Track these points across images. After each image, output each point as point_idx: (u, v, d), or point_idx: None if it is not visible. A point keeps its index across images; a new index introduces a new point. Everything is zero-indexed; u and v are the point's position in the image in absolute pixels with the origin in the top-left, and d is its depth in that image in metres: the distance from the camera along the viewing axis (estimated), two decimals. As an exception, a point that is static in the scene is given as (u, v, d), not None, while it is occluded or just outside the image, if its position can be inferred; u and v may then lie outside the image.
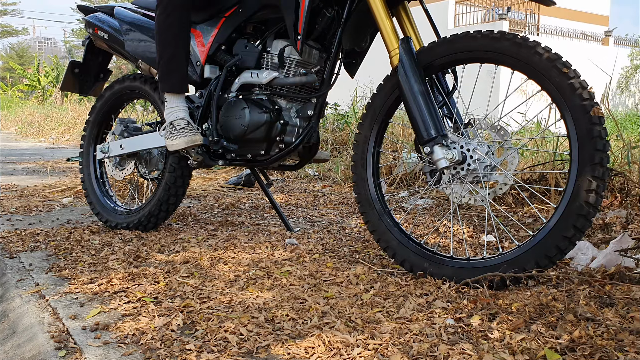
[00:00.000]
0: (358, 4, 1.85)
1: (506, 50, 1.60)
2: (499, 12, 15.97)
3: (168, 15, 1.99)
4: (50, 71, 33.20)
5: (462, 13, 16.66)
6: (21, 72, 33.62)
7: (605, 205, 2.43)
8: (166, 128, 2.05)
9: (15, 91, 35.32)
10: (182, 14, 2.00)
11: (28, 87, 34.25)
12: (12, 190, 3.69)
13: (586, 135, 1.47)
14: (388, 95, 1.79)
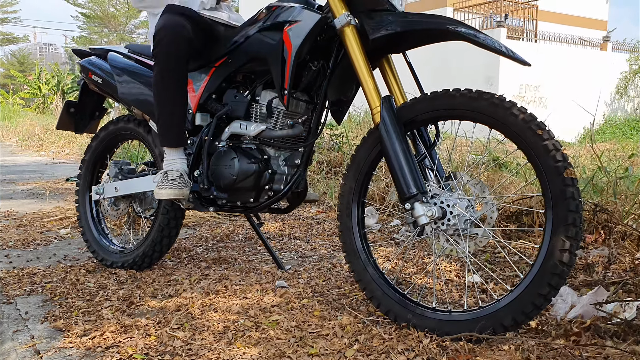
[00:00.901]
0: (342, 59, 1.90)
1: (483, 110, 1.65)
2: (497, 20, 16.04)
3: (165, 75, 2.04)
4: (51, 78, 33.34)
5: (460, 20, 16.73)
6: (22, 80, 33.76)
7: (590, 242, 2.48)
8: (160, 175, 2.11)
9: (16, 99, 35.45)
10: (179, 73, 2.06)
11: (29, 95, 34.38)
12: (11, 219, 3.75)
13: (559, 196, 1.52)
14: (371, 148, 1.85)
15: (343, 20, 1.82)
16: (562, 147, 1.56)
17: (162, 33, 2.02)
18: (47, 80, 33.54)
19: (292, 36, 1.89)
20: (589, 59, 16.84)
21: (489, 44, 1.65)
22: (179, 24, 2.02)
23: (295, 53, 1.89)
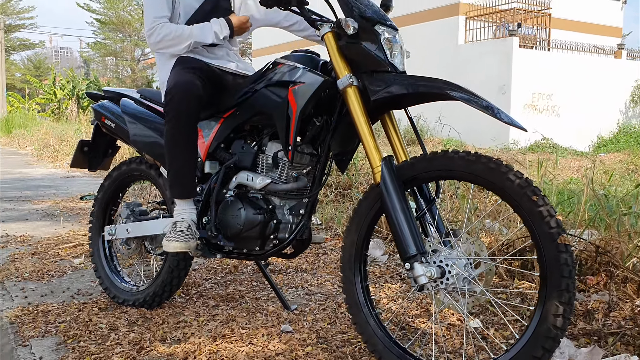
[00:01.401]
0: (345, 115, 1.96)
1: (480, 173, 1.69)
2: (509, 28, 16.01)
3: (176, 132, 2.12)
4: (66, 84, 33.77)
5: (472, 29, 16.72)
6: (38, 85, 34.22)
7: (591, 284, 2.51)
8: (169, 226, 2.18)
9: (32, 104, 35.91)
10: (189, 130, 2.14)
11: (45, 100, 34.82)
12: (26, 245, 3.85)
13: (553, 262, 1.57)
14: (372, 203, 1.90)
15: (345, 81, 1.88)
16: (556, 213, 1.61)
17: (174, 91, 2.09)
18: (63, 85, 33.96)
19: (296, 96, 1.96)
20: (603, 67, 16.74)
21: (484, 106, 1.69)
22: (190, 82, 2.09)
23: (299, 113, 1.95)
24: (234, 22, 2.26)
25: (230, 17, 2.27)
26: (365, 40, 1.88)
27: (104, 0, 33.71)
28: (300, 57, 2.10)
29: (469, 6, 16.44)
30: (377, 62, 1.87)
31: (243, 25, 2.31)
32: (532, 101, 16.03)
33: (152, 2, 2.24)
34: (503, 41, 15.72)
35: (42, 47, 46.64)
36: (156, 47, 2.30)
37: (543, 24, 17.03)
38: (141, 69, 35.52)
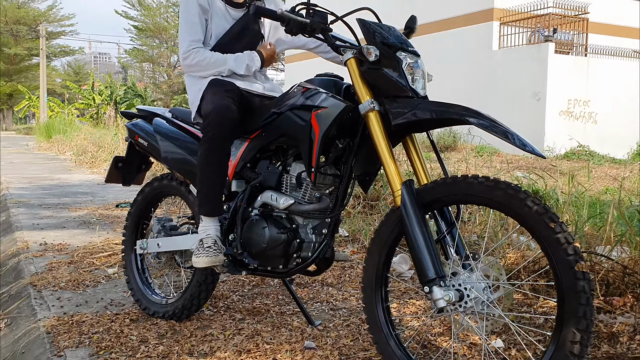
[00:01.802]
0: (367, 138, 2.01)
1: (499, 199, 1.72)
2: (545, 34, 15.78)
3: (210, 153, 2.22)
4: (104, 89, 34.62)
5: (507, 34, 16.54)
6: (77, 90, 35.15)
7: (618, 305, 2.49)
8: (196, 244, 2.26)
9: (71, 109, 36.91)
10: (223, 152, 2.23)
11: (84, 105, 35.76)
12: (63, 253, 4.00)
13: (571, 289, 1.58)
14: (393, 226, 1.94)
15: (367, 106, 1.93)
16: (574, 240, 1.62)
17: (213, 115, 2.19)
18: (101, 91, 34.83)
19: (319, 120, 2.02)
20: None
21: (502, 133, 1.71)
22: (228, 106, 2.19)
23: (321, 136, 2.01)
24: (264, 55, 2.37)
25: (261, 50, 2.38)
26: (387, 66, 1.92)
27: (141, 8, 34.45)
28: (324, 81, 2.15)
29: (503, 11, 16.27)
30: (399, 87, 1.91)
31: (272, 58, 2.44)
32: (567, 108, 15.75)
33: (188, 25, 2.34)
34: (538, 47, 15.51)
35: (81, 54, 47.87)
36: (189, 70, 2.40)
37: (580, 28, 16.72)
38: (177, 75, 36.14)
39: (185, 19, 2.36)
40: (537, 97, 15.52)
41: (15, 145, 19.61)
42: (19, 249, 4.16)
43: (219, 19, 2.38)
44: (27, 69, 44.03)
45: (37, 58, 39.88)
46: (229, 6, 2.41)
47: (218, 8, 2.38)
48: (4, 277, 3.71)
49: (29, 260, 3.81)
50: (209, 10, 2.36)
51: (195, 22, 2.35)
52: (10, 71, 42.41)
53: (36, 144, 19.64)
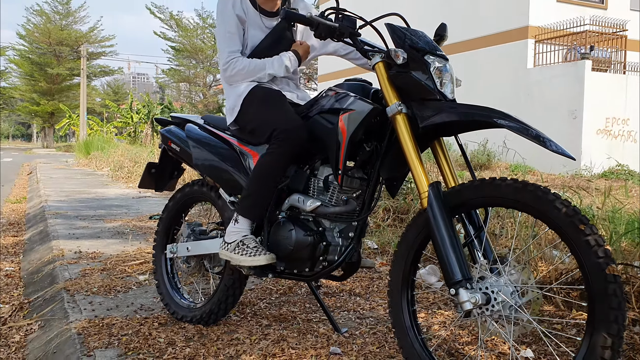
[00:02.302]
0: (395, 142, 2.01)
1: (527, 201, 1.70)
2: (582, 51, 15.55)
3: (277, 163, 2.22)
4: (142, 108, 35.43)
5: (542, 52, 16.36)
6: (115, 109, 36.08)
7: (653, 318, 2.41)
8: (233, 244, 2.27)
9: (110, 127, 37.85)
10: (287, 165, 2.25)
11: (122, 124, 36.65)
12: (97, 261, 4.08)
13: (602, 293, 1.55)
14: (420, 229, 1.93)
15: (394, 109, 1.93)
16: (604, 242, 1.59)
17: (289, 132, 2.19)
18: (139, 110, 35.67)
19: (347, 123, 2.03)
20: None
21: (533, 135, 1.70)
22: (302, 127, 2.21)
23: (349, 138, 2.02)
24: (300, 52, 2.41)
25: (295, 48, 2.40)
26: (415, 69, 1.93)
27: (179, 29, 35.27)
28: (353, 85, 2.17)
29: (538, 29, 16.11)
30: (427, 90, 1.91)
31: (307, 54, 2.47)
32: (605, 126, 15.43)
33: (226, 37, 2.40)
34: (574, 64, 15.29)
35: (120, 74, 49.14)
36: (230, 80, 2.44)
37: (618, 46, 16.43)
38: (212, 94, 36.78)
39: (224, 30, 2.41)
40: (574, 115, 15.25)
41: (55, 162, 20.17)
42: (55, 256, 4.26)
43: (254, 29, 2.43)
44: (69, 89, 45.43)
45: (78, 78, 41.13)
46: (263, 16, 2.45)
47: (253, 18, 2.43)
48: (39, 283, 3.80)
49: (63, 267, 3.90)
50: (245, 20, 2.41)
51: (234, 33, 2.40)
52: (52, 90, 43.83)
53: (75, 160, 20.14)
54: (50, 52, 42.26)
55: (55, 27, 42.06)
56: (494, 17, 17.19)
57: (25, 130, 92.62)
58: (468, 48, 18.20)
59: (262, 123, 2.29)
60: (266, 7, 2.45)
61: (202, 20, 35.34)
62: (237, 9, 2.39)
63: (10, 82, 47.90)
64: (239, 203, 2.32)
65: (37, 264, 4.33)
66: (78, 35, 42.60)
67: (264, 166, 2.23)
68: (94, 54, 42.90)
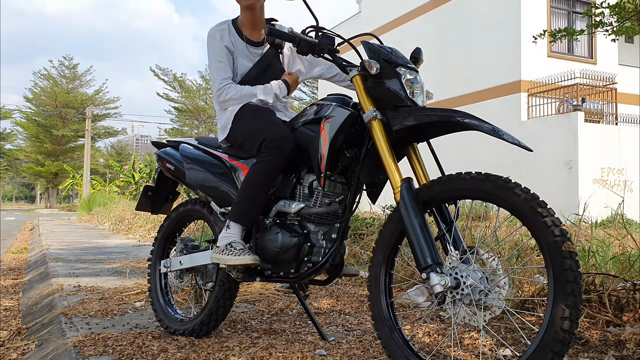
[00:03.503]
0: (372, 148, 2.17)
1: (490, 190, 1.84)
2: (574, 103, 15.95)
3: (267, 171, 2.36)
4: (144, 167, 35.85)
5: (535, 105, 16.77)
6: (118, 169, 36.51)
7: (627, 320, 2.50)
8: (222, 247, 2.40)
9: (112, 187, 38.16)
10: (277, 173, 2.39)
11: (124, 183, 36.99)
12: (95, 292, 4.17)
13: (559, 268, 1.67)
14: (396, 224, 2.07)
15: (370, 115, 2.11)
16: (561, 223, 1.72)
17: (279, 141, 2.33)
18: (141, 169, 36.09)
19: (327, 129, 2.21)
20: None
21: (491, 131, 1.86)
22: (290, 137, 2.37)
23: (330, 142, 2.19)
24: (289, 82, 2.61)
25: (286, 78, 2.62)
26: (388, 80, 2.11)
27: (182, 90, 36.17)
28: (334, 98, 2.35)
29: (530, 83, 16.58)
30: (399, 99, 2.09)
31: (296, 84, 2.68)
32: (601, 176, 15.64)
33: (217, 66, 2.61)
34: (567, 116, 15.65)
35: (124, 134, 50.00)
36: (223, 105, 2.63)
37: (609, 98, 16.85)
38: (214, 153, 37.32)
39: (215, 60, 2.62)
40: (570, 165, 15.49)
41: (58, 219, 20.33)
42: (54, 290, 4.35)
43: (242, 58, 2.64)
44: (73, 150, 46.09)
45: (82, 139, 41.81)
46: (250, 45, 2.67)
47: (241, 48, 2.64)
48: (37, 312, 3.88)
49: (62, 297, 3.99)
50: (234, 51, 2.63)
51: (224, 62, 2.61)
52: (57, 151, 44.46)
53: (77, 217, 20.30)
54: (56, 114, 43.17)
55: (62, 90, 43.13)
56: (487, 73, 17.72)
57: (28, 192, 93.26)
58: (464, 103, 18.67)
59: (251, 135, 2.46)
60: (252, 37, 2.68)
61: (205, 81, 36.27)
62: (226, 40, 2.61)
63: (16, 144, 48.70)
64: (231, 210, 2.45)
65: (36, 298, 4.42)
66: (84, 98, 43.62)
67: (255, 174, 2.38)
68: (99, 115, 43.80)
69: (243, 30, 2.68)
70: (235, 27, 2.67)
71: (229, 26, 2.67)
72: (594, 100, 16.78)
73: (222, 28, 2.65)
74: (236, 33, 2.66)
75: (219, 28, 2.65)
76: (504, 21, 17.03)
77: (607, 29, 5.47)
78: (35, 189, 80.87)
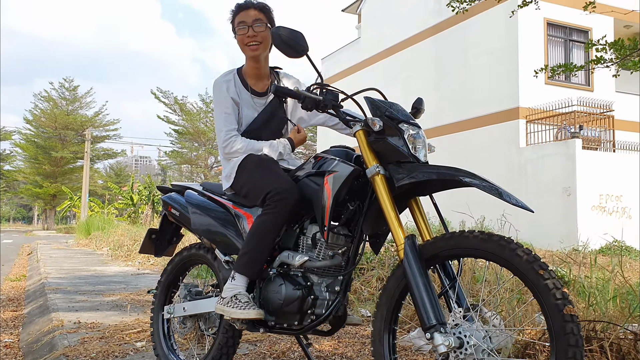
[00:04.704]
0: (375, 201, 2.21)
1: (492, 250, 1.87)
2: (571, 131, 16.06)
3: (273, 222, 2.38)
4: (143, 189, 35.85)
5: (533, 132, 16.88)
6: (117, 191, 36.51)
7: (629, 371, 2.52)
8: (227, 299, 2.41)
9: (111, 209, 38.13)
10: (283, 224, 2.42)
11: (122, 205, 36.99)
12: (95, 330, 4.16)
13: (560, 331, 1.69)
14: (399, 280, 2.09)
15: (373, 170, 2.15)
16: (562, 286, 1.75)
17: (285, 194, 2.37)
18: (140, 191, 36.10)
19: (331, 183, 2.24)
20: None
21: (493, 191, 1.89)
22: (296, 189, 2.40)
23: (333, 196, 2.22)
24: (295, 141, 2.68)
25: (292, 137, 2.69)
26: (391, 136, 2.16)
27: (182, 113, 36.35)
28: (337, 151, 2.39)
29: (529, 110, 16.71)
30: (402, 154, 2.13)
31: (301, 142, 2.74)
32: (600, 203, 15.69)
33: (223, 117, 2.66)
34: (565, 143, 15.76)
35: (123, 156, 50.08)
36: (228, 156, 2.68)
37: (606, 125, 16.97)
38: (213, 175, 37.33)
39: (221, 111, 2.67)
40: (568, 192, 15.54)
41: (55, 242, 20.26)
42: (54, 327, 4.34)
43: (247, 108, 2.69)
44: (71, 171, 46.14)
45: (81, 161, 41.88)
46: (255, 96, 2.72)
47: (246, 99, 2.70)
48: (38, 352, 3.87)
49: (63, 336, 3.99)
50: (239, 102, 2.68)
51: (229, 114, 2.66)
52: (55, 173, 44.49)
53: (75, 241, 20.25)
54: (55, 136, 43.29)
55: (62, 112, 43.31)
56: (486, 99, 17.87)
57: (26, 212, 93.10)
58: (463, 128, 18.80)
59: (255, 186, 2.50)
60: (257, 87, 2.73)
61: (205, 104, 36.49)
62: (231, 92, 2.67)
63: (15, 165, 48.76)
64: (237, 261, 2.48)
65: (36, 335, 4.41)
66: (83, 120, 43.80)
67: (260, 226, 2.41)
68: (98, 137, 43.93)
69: (248, 80, 2.73)
70: (240, 77, 2.73)
71: (235, 76, 2.73)
72: (591, 128, 16.91)
73: (227, 79, 2.71)
74: (241, 83, 2.71)
75: (224, 79, 2.71)
76: (502, 49, 17.23)
77: (608, 65, 5.56)
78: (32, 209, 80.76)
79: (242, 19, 2.67)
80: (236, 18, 2.69)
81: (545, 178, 15.91)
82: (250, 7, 2.67)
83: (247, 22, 2.66)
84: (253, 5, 2.68)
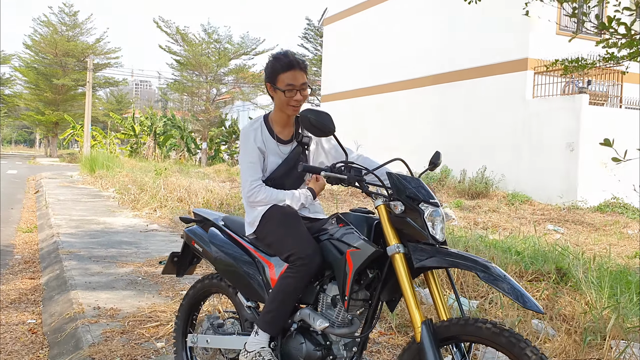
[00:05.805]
0: (394, 272, 2.33)
1: (503, 344, 2.02)
2: (579, 85, 15.93)
3: (297, 285, 2.51)
4: (145, 120, 35.79)
5: (541, 84, 16.75)
6: (119, 121, 36.43)
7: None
8: (252, 354, 2.59)
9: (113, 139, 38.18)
10: (304, 286, 2.54)
11: (124, 136, 37.03)
12: (115, 321, 4.39)
13: None
14: (413, 356, 2.25)
15: (393, 249, 2.27)
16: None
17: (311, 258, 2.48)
18: (142, 122, 36.03)
19: (353, 258, 2.36)
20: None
21: (510, 293, 2.02)
22: (319, 252, 2.52)
23: (354, 272, 2.35)
24: (316, 191, 2.77)
25: (312, 187, 2.78)
26: (411, 216, 2.26)
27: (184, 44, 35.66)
28: (358, 217, 2.49)
29: (537, 61, 16.49)
30: (420, 234, 2.24)
31: (321, 189, 2.83)
32: (602, 159, 15.78)
33: (249, 167, 2.75)
34: (572, 98, 15.69)
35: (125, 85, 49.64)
36: (252, 205, 2.78)
37: (614, 80, 16.80)
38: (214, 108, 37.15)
39: (247, 160, 2.75)
40: (571, 147, 15.61)
41: (60, 177, 20.54)
42: (76, 313, 4.57)
43: (272, 156, 2.77)
44: (73, 98, 45.84)
45: (82, 88, 41.54)
46: (280, 143, 2.79)
47: (271, 147, 2.77)
48: (63, 344, 4.12)
49: (85, 328, 4.21)
50: (265, 150, 2.75)
51: (255, 163, 2.74)
52: (57, 100, 44.26)
53: (80, 176, 20.51)
54: (56, 63, 42.69)
55: (62, 38, 42.53)
56: (495, 48, 17.60)
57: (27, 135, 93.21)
58: (470, 76, 18.62)
59: (279, 242, 2.62)
60: (282, 135, 2.80)
61: (207, 35, 35.76)
62: (258, 141, 2.73)
63: (15, 90, 48.37)
64: (260, 318, 2.63)
65: (58, 320, 4.64)
66: (84, 47, 43.06)
67: (283, 288, 2.55)
68: (100, 65, 43.36)
69: (274, 128, 2.79)
70: (267, 125, 2.79)
71: (261, 125, 2.79)
72: (600, 81, 16.74)
73: (255, 127, 2.77)
74: (268, 132, 2.78)
75: (252, 128, 2.77)
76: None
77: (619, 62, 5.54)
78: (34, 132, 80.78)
79: (291, 81, 2.67)
80: (283, 76, 2.69)
81: (549, 132, 15.94)
82: (297, 68, 2.69)
83: (296, 86, 2.68)
84: (299, 66, 2.69)
